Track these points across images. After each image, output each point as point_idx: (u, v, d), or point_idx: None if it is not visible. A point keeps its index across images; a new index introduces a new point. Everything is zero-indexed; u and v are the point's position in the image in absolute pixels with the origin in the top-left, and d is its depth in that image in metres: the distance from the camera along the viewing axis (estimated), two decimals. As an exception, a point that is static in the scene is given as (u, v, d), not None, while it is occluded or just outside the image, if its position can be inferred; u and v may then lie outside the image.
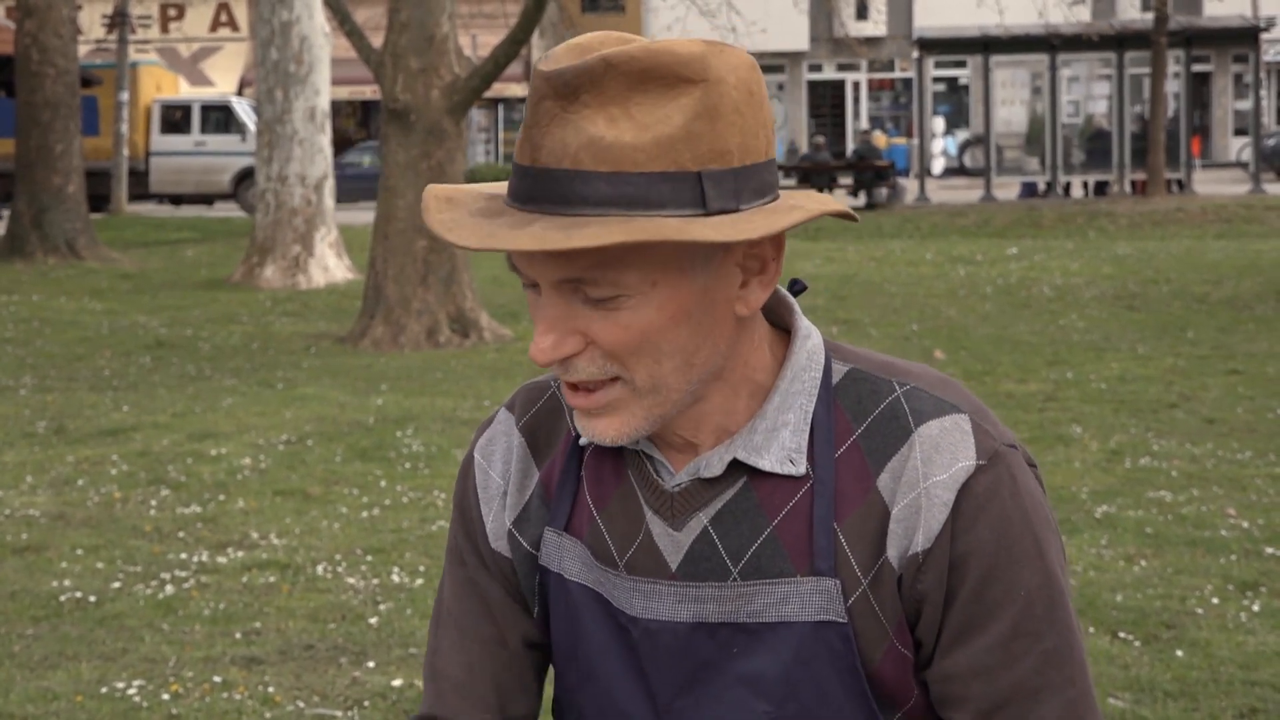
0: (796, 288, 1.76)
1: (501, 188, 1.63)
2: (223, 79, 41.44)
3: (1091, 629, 5.72)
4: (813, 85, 47.03)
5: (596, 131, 1.52)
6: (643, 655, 1.72)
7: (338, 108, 36.60)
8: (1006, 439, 1.67)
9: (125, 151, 31.36)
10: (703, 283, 1.59)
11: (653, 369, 1.59)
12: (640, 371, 1.59)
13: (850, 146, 41.89)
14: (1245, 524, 7.17)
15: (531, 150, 1.54)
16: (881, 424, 1.66)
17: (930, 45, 32.08)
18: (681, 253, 1.56)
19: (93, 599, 6.35)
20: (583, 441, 1.75)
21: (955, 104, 45.74)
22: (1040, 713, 1.64)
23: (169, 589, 6.48)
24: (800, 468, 1.66)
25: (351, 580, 6.56)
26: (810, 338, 1.70)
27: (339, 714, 5.05)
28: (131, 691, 5.26)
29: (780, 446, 1.66)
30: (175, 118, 33.84)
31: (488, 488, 1.81)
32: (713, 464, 1.67)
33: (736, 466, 1.68)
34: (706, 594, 1.68)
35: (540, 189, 1.53)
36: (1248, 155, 35.87)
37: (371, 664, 5.50)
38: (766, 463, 1.66)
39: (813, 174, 30.06)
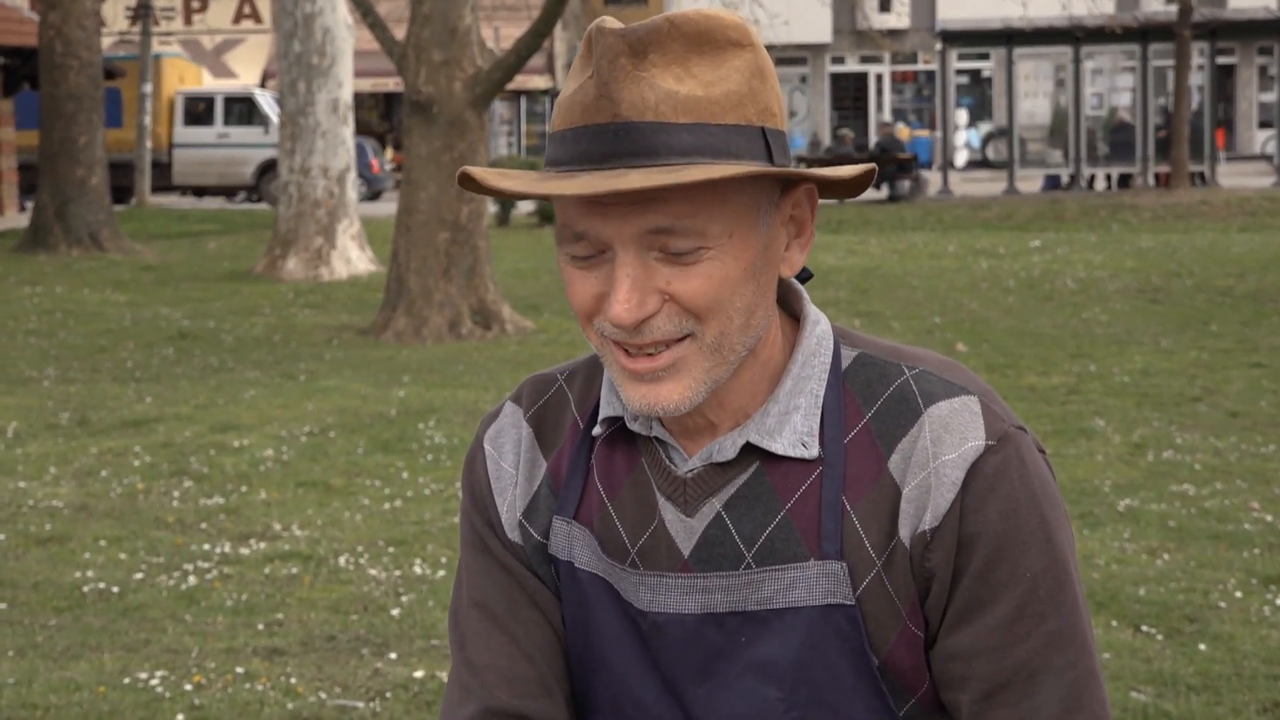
0: (804, 275, 1.78)
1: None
2: (246, 71, 41.48)
3: (1114, 622, 5.70)
4: (835, 78, 46.94)
5: (669, 87, 1.56)
6: (654, 648, 1.72)
7: (360, 100, 36.58)
8: (1015, 421, 1.68)
9: (148, 143, 31.40)
10: (764, 238, 1.63)
11: (724, 324, 1.61)
12: (712, 327, 1.60)
13: (873, 139, 41.80)
14: (1269, 518, 7.15)
15: (611, 106, 1.56)
16: (891, 406, 1.68)
17: (953, 37, 32.02)
18: (752, 206, 1.61)
19: (115, 590, 6.37)
20: (595, 431, 1.76)
21: (978, 96, 45.60)
22: (1042, 695, 1.64)
23: (191, 580, 6.50)
24: (813, 450, 1.67)
25: (373, 572, 6.57)
26: (819, 324, 1.72)
27: (360, 705, 5.06)
28: (154, 682, 5.27)
29: (793, 430, 1.67)
30: (198, 110, 33.89)
31: (500, 478, 1.82)
32: (725, 448, 1.68)
33: (750, 451, 1.68)
34: (714, 584, 1.68)
35: (624, 143, 1.56)
36: (1272, 148, 35.72)
37: (393, 655, 5.51)
38: (779, 446, 1.67)
39: (834, 166, 30.03)
